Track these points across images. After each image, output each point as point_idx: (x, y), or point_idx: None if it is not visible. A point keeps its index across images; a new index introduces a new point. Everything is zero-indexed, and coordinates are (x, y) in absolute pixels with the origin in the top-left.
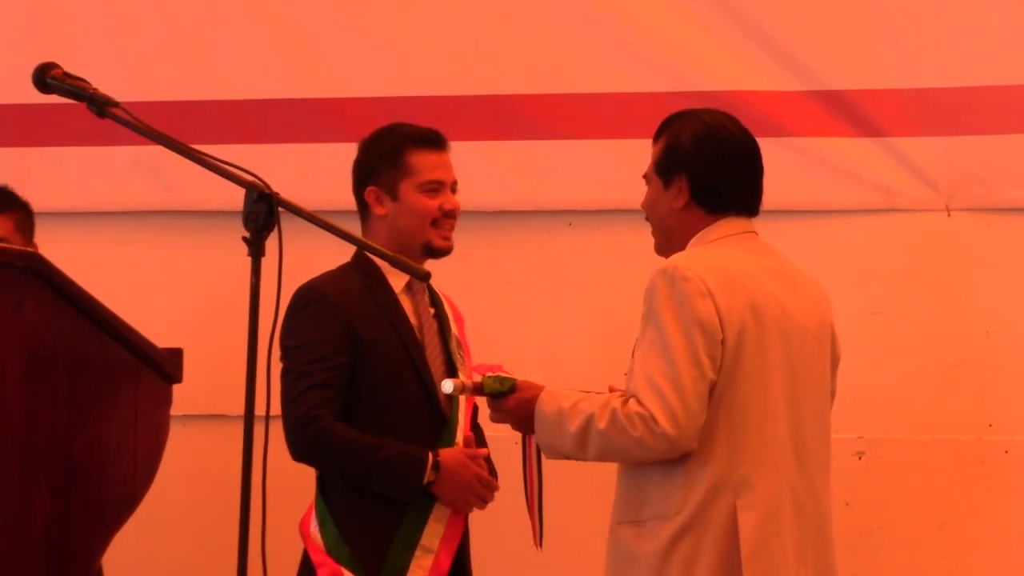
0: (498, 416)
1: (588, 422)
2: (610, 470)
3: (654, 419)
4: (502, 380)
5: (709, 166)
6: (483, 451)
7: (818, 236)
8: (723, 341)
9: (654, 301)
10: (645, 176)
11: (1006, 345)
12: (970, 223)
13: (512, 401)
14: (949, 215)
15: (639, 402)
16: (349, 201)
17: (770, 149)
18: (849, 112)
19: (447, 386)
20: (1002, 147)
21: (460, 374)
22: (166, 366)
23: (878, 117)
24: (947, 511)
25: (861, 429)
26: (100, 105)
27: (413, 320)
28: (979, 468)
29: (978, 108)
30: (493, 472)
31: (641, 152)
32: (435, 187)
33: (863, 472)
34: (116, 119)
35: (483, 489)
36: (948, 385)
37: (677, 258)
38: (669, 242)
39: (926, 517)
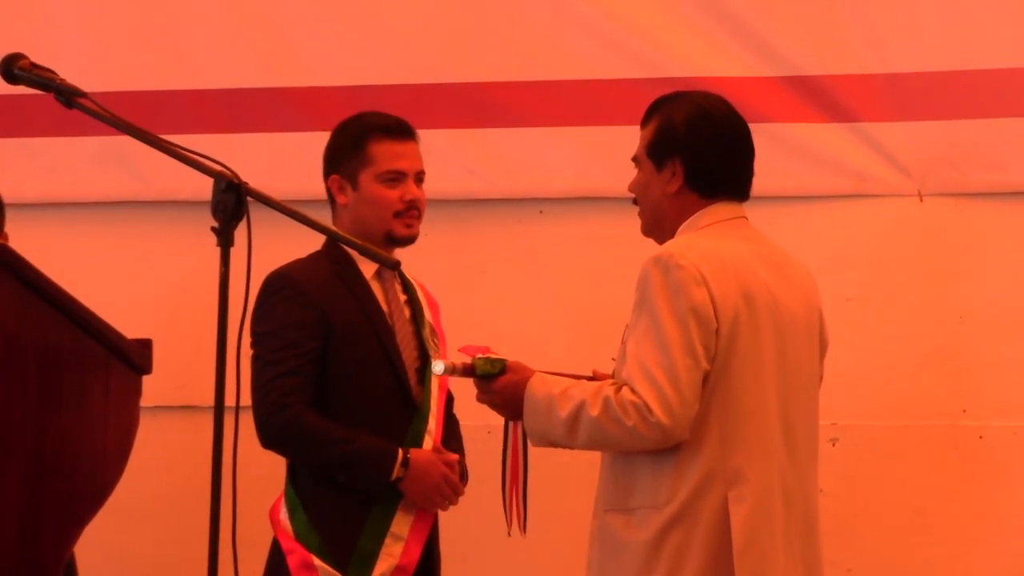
0: (485, 397)
1: (579, 409)
2: (590, 457)
3: (648, 408)
4: (493, 361)
5: (704, 149)
6: (454, 457)
7: (790, 222)
8: (717, 330)
9: (648, 289)
10: (635, 159)
11: (980, 331)
12: (943, 208)
13: (501, 382)
14: (921, 200)
15: (633, 390)
16: (319, 190)
17: None
18: (820, 98)
19: (438, 366)
20: (974, 132)
21: (439, 358)
22: (136, 357)
23: (849, 102)
24: (922, 498)
25: (835, 416)
26: (68, 95)
27: (384, 306)
28: (954, 454)
29: (950, 93)
30: (464, 476)
31: (612, 139)
32: (395, 177)
33: (837, 459)
34: (84, 109)
35: (449, 491)
36: (922, 371)
37: (671, 246)
38: (659, 226)
39: (901, 504)
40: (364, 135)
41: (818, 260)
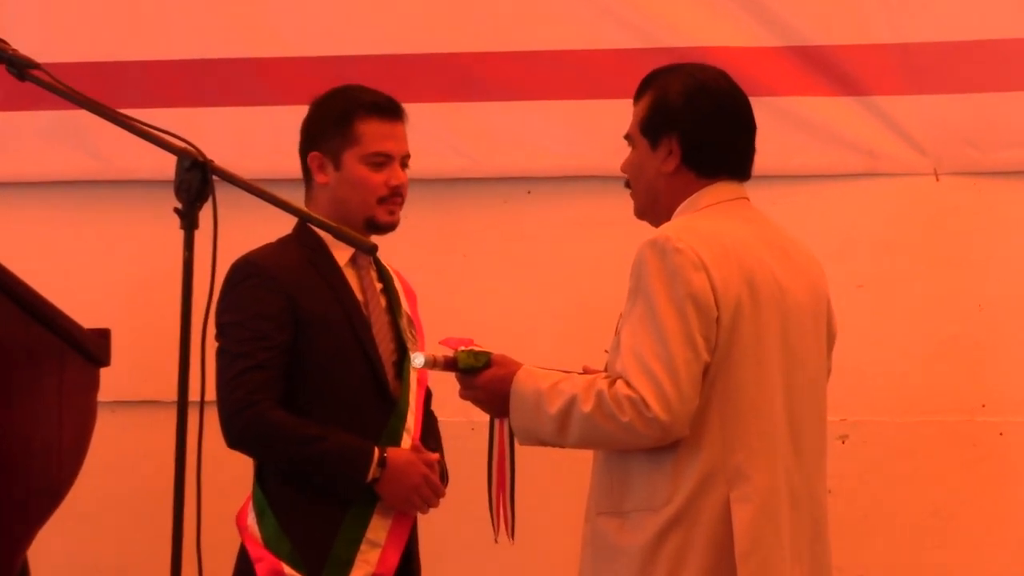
0: (469, 393)
1: (570, 404)
2: (581, 456)
3: (645, 403)
4: (476, 355)
5: (702, 125)
6: (434, 456)
7: (796, 203)
8: (718, 319)
9: (643, 275)
10: (627, 136)
11: (1000, 319)
12: (960, 188)
13: (486, 377)
14: (937, 179)
15: (628, 384)
16: (290, 169)
17: None
18: (828, 69)
19: (418, 359)
20: (994, 106)
21: (412, 353)
22: (93, 348)
23: (860, 74)
24: (938, 498)
25: (844, 411)
26: (20, 67)
27: (359, 295)
28: (972, 452)
29: (968, 64)
30: (445, 477)
31: (606, 113)
32: (381, 160)
33: (846, 457)
34: (37, 82)
35: (429, 492)
36: (938, 363)
37: (667, 228)
38: (654, 208)
39: (915, 506)
40: (351, 111)
41: (826, 244)
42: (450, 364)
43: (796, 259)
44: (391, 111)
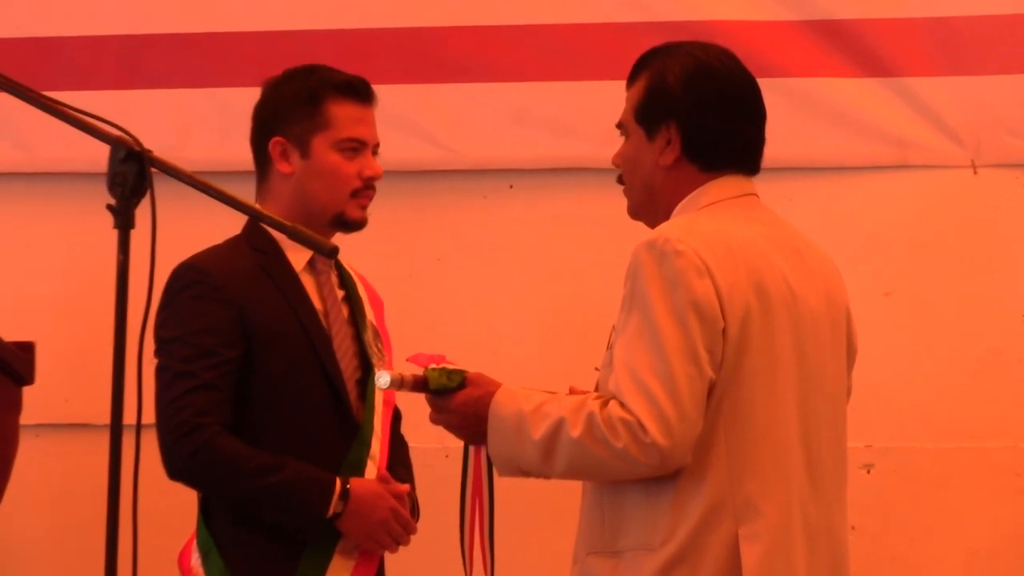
0: (441, 417)
1: (557, 429)
2: (569, 487)
3: (642, 426)
4: (449, 373)
5: (705, 112)
6: (404, 487)
7: (815, 199)
8: (724, 331)
9: (639, 281)
10: (620, 125)
11: None
12: (1001, 182)
13: (460, 399)
14: (975, 172)
15: (623, 405)
16: (239, 160)
17: None
18: (852, 47)
19: (383, 379)
20: None
21: (383, 369)
22: (14, 363)
23: (888, 53)
24: (976, 536)
25: (869, 436)
26: None
27: (317, 304)
28: (1014, 482)
29: (1009, 42)
30: (416, 511)
31: (598, 97)
32: (355, 147)
33: (871, 489)
34: None
35: (399, 528)
36: (976, 381)
37: (666, 228)
38: (651, 206)
39: (950, 543)
40: (321, 92)
41: (849, 246)
42: (419, 384)
43: (811, 263)
44: (365, 93)
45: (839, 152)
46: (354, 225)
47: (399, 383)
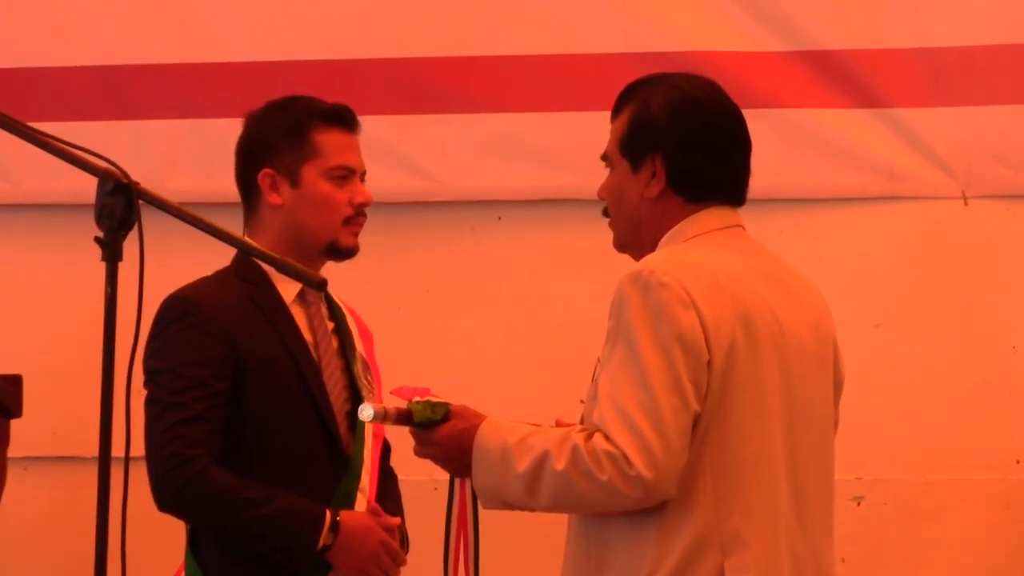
0: (425, 450)
1: (541, 461)
2: (554, 521)
3: (627, 459)
4: (434, 406)
5: (690, 144)
6: (395, 520)
7: (805, 231)
8: (709, 363)
9: (624, 313)
10: (605, 157)
11: None
12: (991, 213)
13: (444, 432)
14: (966, 203)
15: (607, 438)
16: (226, 192)
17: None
18: (842, 77)
19: (366, 412)
20: None
21: (367, 402)
22: (2, 397)
23: (878, 83)
24: (966, 568)
25: (859, 468)
26: None
27: (307, 336)
28: (1005, 515)
29: (1000, 72)
30: (405, 543)
31: (587, 127)
32: (344, 174)
33: (861, 521)
34: None
35: (389, 561)
36: (966, 413)
37: (651, 260)
38: (636, 238)
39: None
40: (307, 121)
41: (839, 278)
42: (403, 417)
43: (798, 294)
44: (350, 121)
45: (829, 183)
46: (347, 252)
47: (383, 416)
